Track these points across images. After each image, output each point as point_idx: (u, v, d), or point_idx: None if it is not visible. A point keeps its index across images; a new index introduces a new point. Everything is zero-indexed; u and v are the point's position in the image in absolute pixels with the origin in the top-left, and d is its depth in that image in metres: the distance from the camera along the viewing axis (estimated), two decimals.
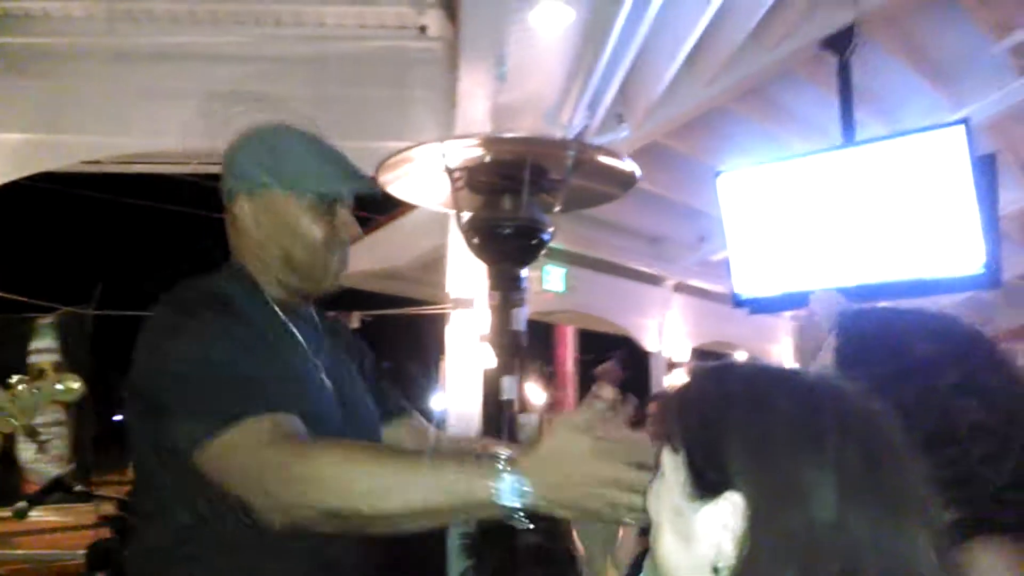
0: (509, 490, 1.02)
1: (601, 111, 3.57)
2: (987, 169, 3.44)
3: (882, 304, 1.19)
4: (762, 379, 0.75)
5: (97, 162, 4.11)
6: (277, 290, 1.39)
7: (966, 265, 3.42)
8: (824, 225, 3.72)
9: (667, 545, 0.73)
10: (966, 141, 3.38)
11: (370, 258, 4.97)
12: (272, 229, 1.37)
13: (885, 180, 3.59)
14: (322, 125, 1.53)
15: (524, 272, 2.72)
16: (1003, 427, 0.91)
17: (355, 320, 3.49)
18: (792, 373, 0.77)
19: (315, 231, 1.37)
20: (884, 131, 4.45)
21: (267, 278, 1.39)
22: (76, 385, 2.13)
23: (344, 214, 1.42)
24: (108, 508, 2.67)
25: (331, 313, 1.65)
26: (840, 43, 3.97)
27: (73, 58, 3.49)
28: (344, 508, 1.08)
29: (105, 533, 2.59)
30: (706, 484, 0.70)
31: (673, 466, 0.74)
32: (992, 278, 3.38)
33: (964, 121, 3.46)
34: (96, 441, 5.31)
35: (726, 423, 0.71)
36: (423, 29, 3.32)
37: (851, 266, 3.67)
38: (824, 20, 3.89)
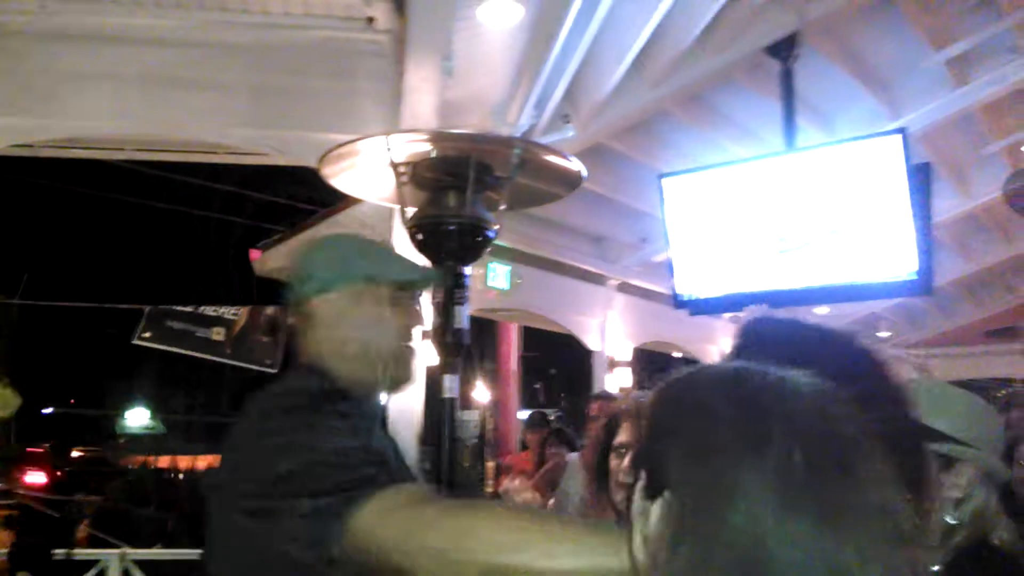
0: None
1: (548, 111, 3.57)
2: (922, 177, 3.53)
3: (786, 315, 1.27)
4: (714, 381, 0.73)
5: (28, 146, 3.96)
6: (356, 383, 1.43)
7: (899, 271, 3.51)
8: (764, 229, 3.78)
9: (635, 544, 0.74)
10: (903, 150, 3.47)
11: None
12: (354, 323, 1.44)
13: (824, 186, 3.66)
14: (264, 114, 1.50)
15: (468, 270, 2.70)
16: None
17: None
18: (749, 373, 0.74)
19: (395, 319, 1.45)
20: (823, 138, 4.55)
21: (347, 371, 1.42)
22: (15, 401, 2.04)
23: (415, 304, 1.51)
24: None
25: (271, 308, 1.64)
26: (783, 50, 4.04)
27: (2, 36, 3.34)
28: (512, 563, 1.07)
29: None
30: (653, 485, 0.70)
31: (638, 473, 0.74)
32: (924, 285, 3.48)
33: (901, 131, 3.54)
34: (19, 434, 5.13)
35: (670, 427, 0.71)
36: (370, 21, 3.27)
37: (789, 270, 3.73)
38: (767, 27, 3.95)
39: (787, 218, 3.73)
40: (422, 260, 3.29)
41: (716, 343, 7.61)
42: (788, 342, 1.05)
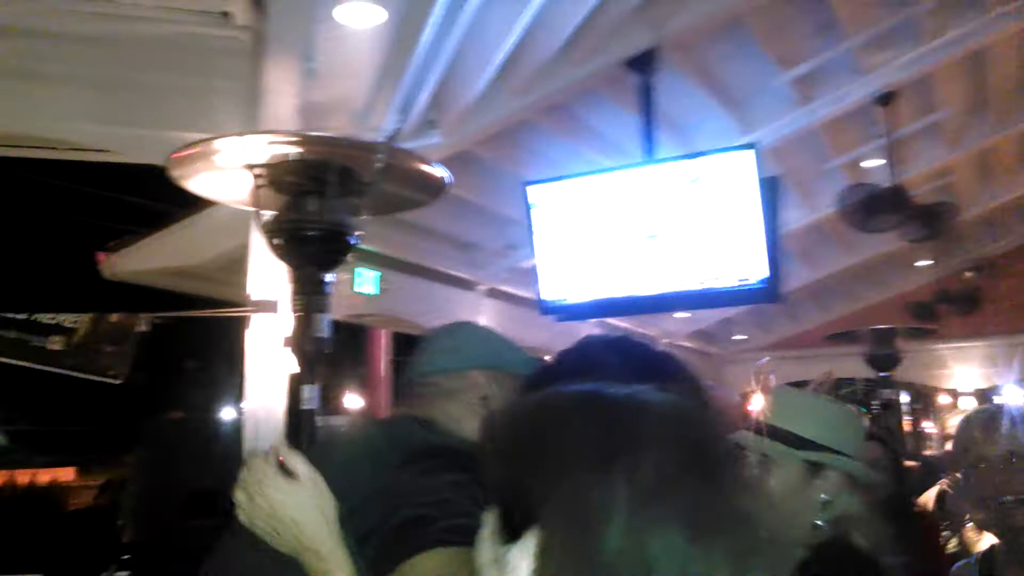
0: None
1: (414, 116, 3.54)
2: (771, 190, 3.73)
3: (619, 334, 1.39)
4: (570, 405, 0.71)
5: None
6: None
7: (750, 279, 3.69)
8: (625, 237, 3.89)
9: None
10: (754, 163, 3.65)
11: (166, 255, 4.66)
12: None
13: (681, 197, 3.81)
14: (109, 109, 1.41)
15: (329, 276, 2.63)
16: None
17: (143, 323, 3.23)
18: (598, 393, 0.73)
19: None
20: (681, 150, 4.73)
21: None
22: None
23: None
24: None
25: (116, 316, 1.57)
26: (643, 64, 4.17)
27: None
28: None
29: None
30: (513, 526, 0.67)
31: (489, 516, 0.71)
32: (772, 292, 3.67)
33: (753, 145, 3.73)
34: None
35: (530, 457, 0.67)
36: (227, 16, 3.13)
37: (649, 276, 3.86)
38: (628, 41, 4.07)
39: (646, 227, 3.85)
40: (281, 266, 3.19)
41: None
42: (617, 358, 1.11)
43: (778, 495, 1.43)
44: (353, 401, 11.46)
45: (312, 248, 2.52)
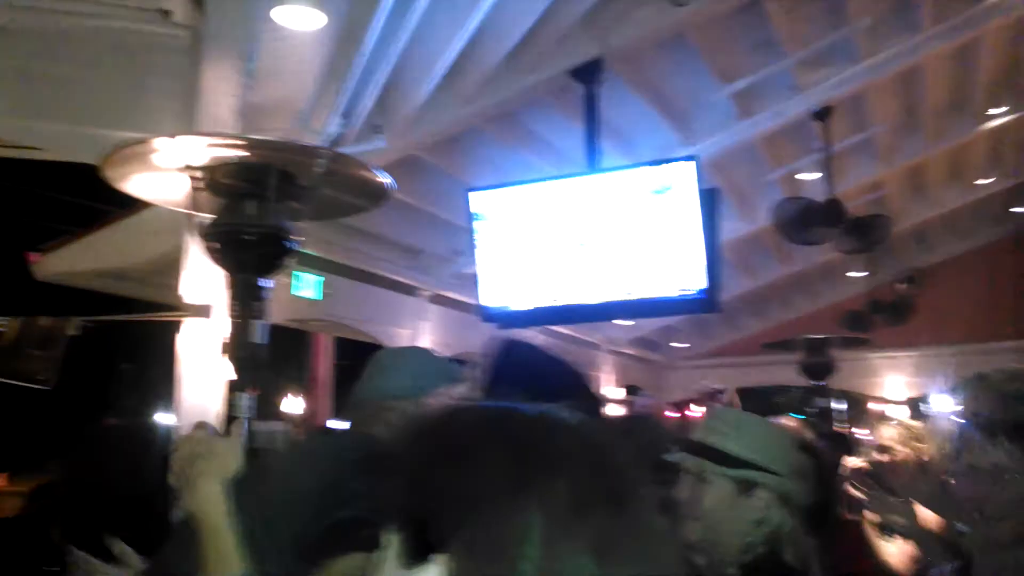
0: None
1: (358, 121, 3.50)
2: (711, 201, 3.78)
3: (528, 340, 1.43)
4: (477, 426, 0.69)
5: None
6: None
7: (690, 289, 3.74)
8: (567, 245, 3.91)
9: None
10: (695, 175, 3.71)
11: (99, 256, 4.53)
12: None
13: (623, 206, 3.84)
14: (38, 105, 1.36)
15: (268, 282, 2.59)
16: None
17: (73, 326, 3.13)
18: (509, 414, 0.70)
19: None
20: (624, 160, 4.79)
21: None
22: None
23: None
24: None
25: (45, 319, 1.56)
26: (588, 75, 4.21)
27: None
28: None
29: None
30: (417, 550, 0.64)
31: (390, 536, 0.68)
32: (711, 302, 3.73)
33: (693, 157, 3.78)
34: None
35: (437, 480, 0.65)
36: (166, 14, 3.07)
37: (590, 285, 3.88)
38: (573, 51, 4.11)
39: (588, 235, 3.88)
40: (217, 270, 3.12)
41: None
42: (524, 363, 1.15)
43: (709, 513, 1.44)
44: (294, 405, 11.28)
45: (250, 253, 2.48)
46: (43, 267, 4.79)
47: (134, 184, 2.67)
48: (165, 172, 2.59)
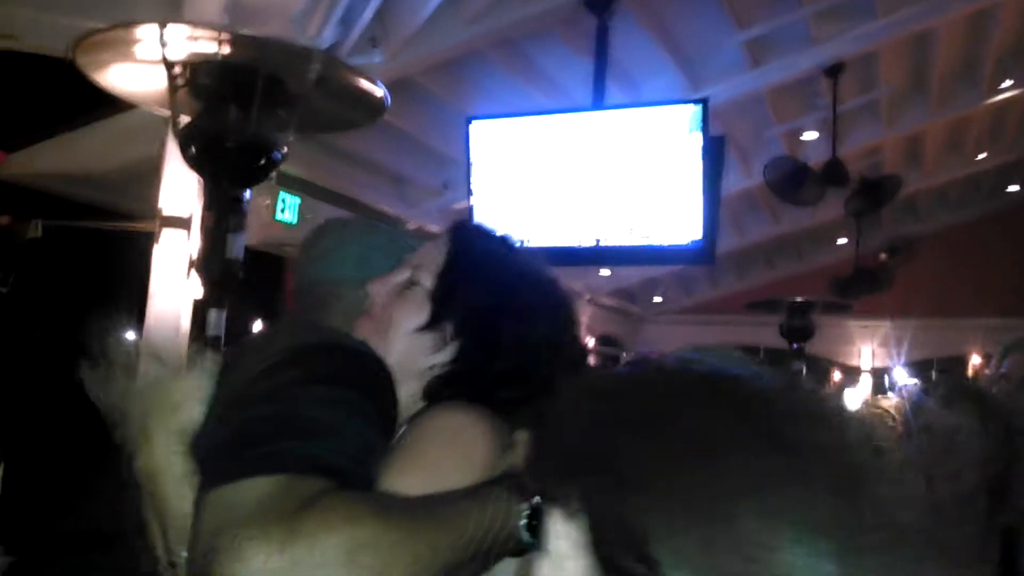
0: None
1: (355, 30, 3.28)
2: (716, 150, 3.63)
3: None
4: (704, 403, 0.52)
5: None
6: None
7: (684, 239, 3.59)
8: (566, 183, 3.74)
9: None
10: (701, 120, 3.54)
11: (69, 159, 4.29)
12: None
13: (624, 148, 3.67)
14: None
15: (247, 194, 2.41)
16: None
17: (34, 228, 2.92)
18: (749, 385, 0.55)
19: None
20: (626, 101, 4.59)
21: None
22: None
23: None
24: None
25: (4, 218, 1.32)
26: (600, 5, 3.99)
27: None
28: None
29: None
30: (624, 572, 0.49)
31: (568, 541, 0.51)
32: (706, 253, 3.59)
33: (703, 100, 3.61)
34: None
35: (645, 475, 0.49)
36: None
37: (585, 228, 3.73)
38: None
39: (589, 174, 3.71)
40: (195, 179, 2.92)
41: None
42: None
43: None
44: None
45: (231, 161, 2.30)
46: (7, 167, 4.53)
47: (109, 76, 2.46)
48: (143, 65, 2.38)
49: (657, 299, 10.74)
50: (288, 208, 4.83)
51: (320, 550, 0.69)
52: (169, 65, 2.26)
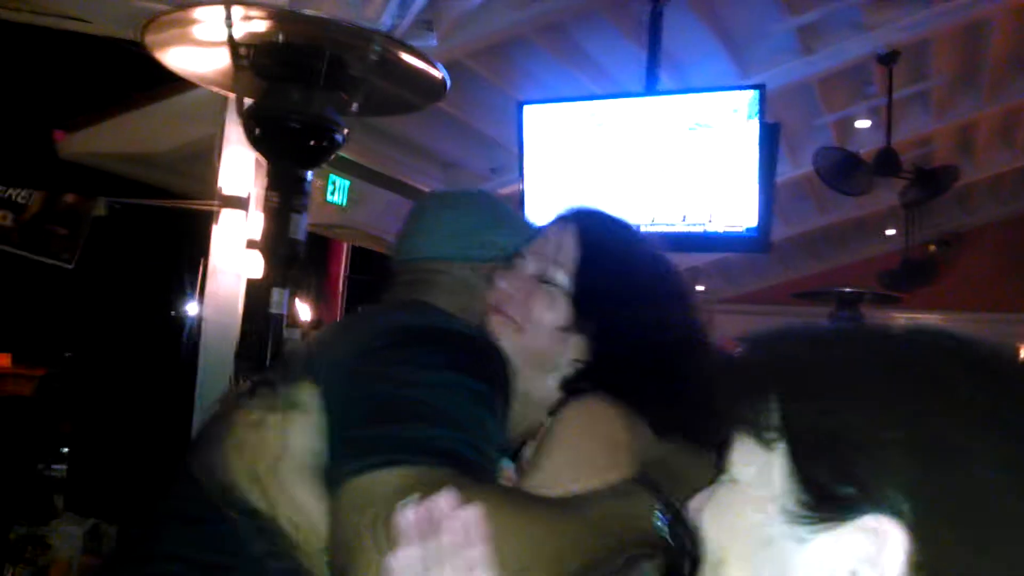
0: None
1: (411, 14, 3.30)
2: (771, 136, 3.60)
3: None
4: (928, 349, 0.51)
5: None
6: None
7: (739, 225, 3.58)
8: (618, 169, 3.74)
9: None
10: (758, 105, 3.51)
11: (125, 139, 4.38)
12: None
13: (678, 133, 3.65)
14: None
15: (309, 174, 2.45)
16: None
17: (101, 206, 3.00)
18: (963, 343, 0.52)
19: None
20: (673, 86, 4.55)
21: None
22: None
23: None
24: None
25: (72, 196, 1.36)
26: None
27: None
28: None
29: None
30: (829, 500, 0.48)
31: (761, 470, 0.51)
32: (762, 240, 3.57)
33: (760, 86, 3.58)
34: None
35: (873, 408, 0.47)
36: None
37: (637, 213, 3.72)
38: None
39: (638, 162, 3.70)
40: (252, 161, 2.97)
41: None
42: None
43: None
44: (306, 314, 11.25)
45: (295, 141, 2.34)
46: (67, 146, 4.64)
47: (174, 57, 2.51)
48: (207, 47, 2.42)
49: (699, 288, 10.65)
50: (338, 190, 4.88)
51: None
52: (235, 46, 2.30)
